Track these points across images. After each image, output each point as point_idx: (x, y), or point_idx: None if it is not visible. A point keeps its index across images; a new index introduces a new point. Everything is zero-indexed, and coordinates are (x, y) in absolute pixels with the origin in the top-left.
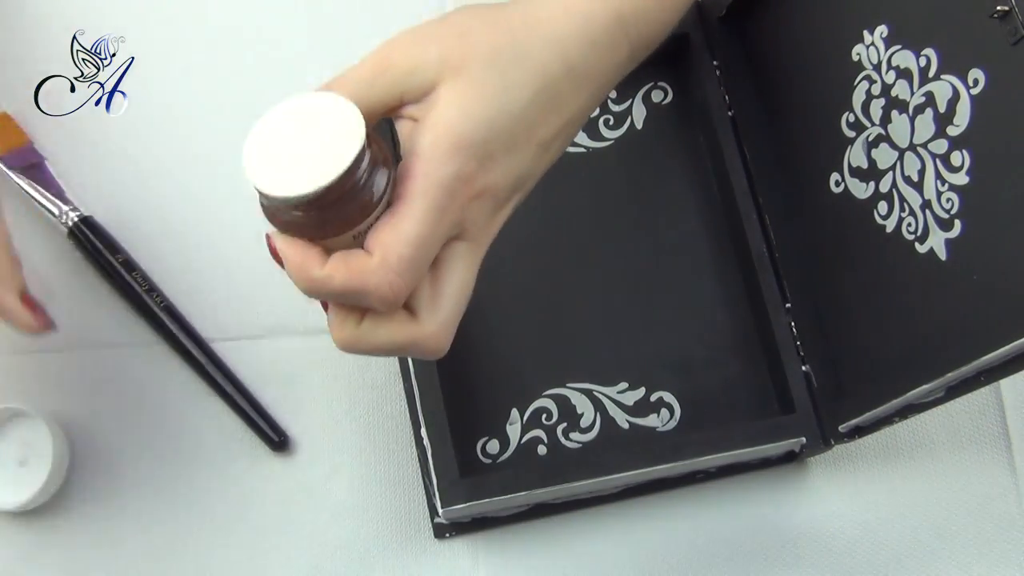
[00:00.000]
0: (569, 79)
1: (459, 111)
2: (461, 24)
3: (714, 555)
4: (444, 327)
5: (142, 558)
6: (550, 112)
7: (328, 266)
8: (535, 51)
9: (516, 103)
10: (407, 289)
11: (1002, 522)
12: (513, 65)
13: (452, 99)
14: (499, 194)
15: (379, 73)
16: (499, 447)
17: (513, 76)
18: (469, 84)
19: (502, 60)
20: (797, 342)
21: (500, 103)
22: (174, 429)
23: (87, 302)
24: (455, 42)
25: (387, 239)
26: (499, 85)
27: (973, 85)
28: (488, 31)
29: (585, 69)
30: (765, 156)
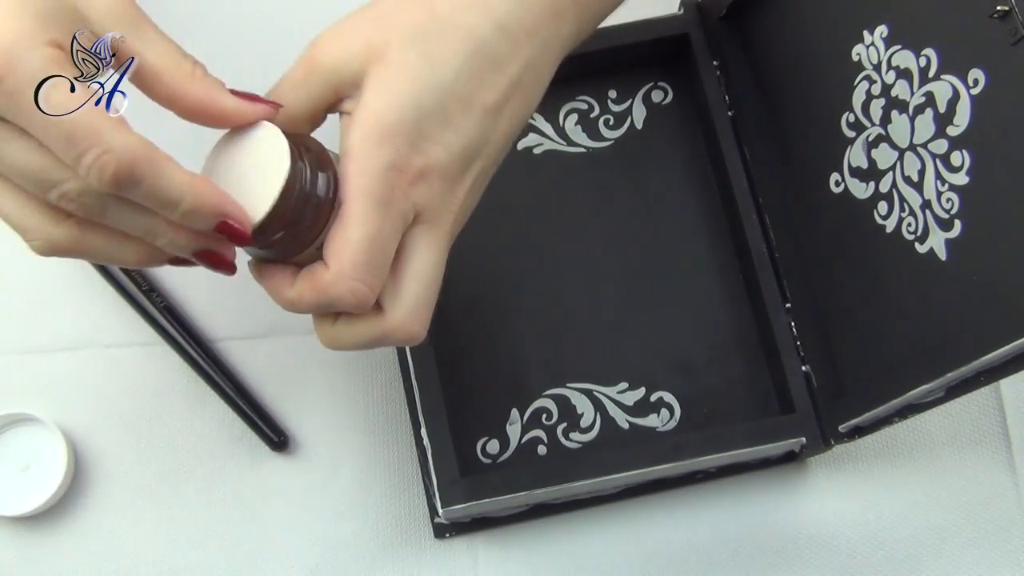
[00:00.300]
0: (502, 36)
1: (382, 98)
2: (381, 8)
3: (714, 555)
4: (412, 314)
5: (142, 559)
6: (489, 74)
7: (295, 287)
8: (456, 16)
9: (444, 75)
10: (371, 289)
11: (1002, 522)
12: (435, 37)
13: (376, 87)
14: (447, 170)
15: (309, 73)
16: (499, 447)
17: (436, 48)
18: (391, 68)
19: (422, 35)
20: (797, 342)
21: (425, 80)
22: (174, 429)
23: (87, 302)
24: (374, 27)
25: (337, 247)
26: (422, 62)
27: (973, 85)
28: (407, 9)
29: (519, 23)
30: (765, 156)
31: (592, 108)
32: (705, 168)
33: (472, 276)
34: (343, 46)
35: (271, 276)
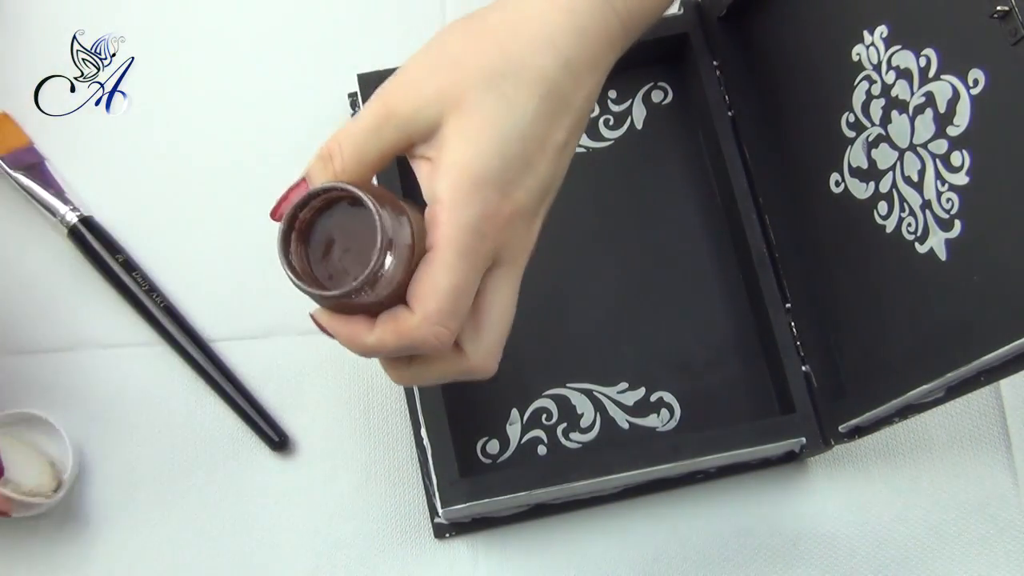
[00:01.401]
0: (569, 75)
1: (469, 147)
2: (450, 51)
3: (714, 555)
4: (489, 353)
5: (142, 559)
6: (559, 114)
7: (377, 331)
8: (527, 58)
9: (522, 119)
10: (453, 333)
11: (1002, 522)
12: (510, 80)
13: (460, 136)
14: (528, 211)
15: (383, 122)
16: (499, 447)
17: (512, 92)
18: (472, 115)
19: (497, 79)
20: (797, 342)
21: (506, 126)
22: (174, 430)
23: (87, 302)
24: (448, 73)
25: (424, 292)
26: (501, 107)
27: (973, 85)
28: (477, 51)
29: (582, 59)
30: (765, 156)
31: (592, 108)
32: (705, 168)
33: None
34: (417, 93)
35: (346, 323)
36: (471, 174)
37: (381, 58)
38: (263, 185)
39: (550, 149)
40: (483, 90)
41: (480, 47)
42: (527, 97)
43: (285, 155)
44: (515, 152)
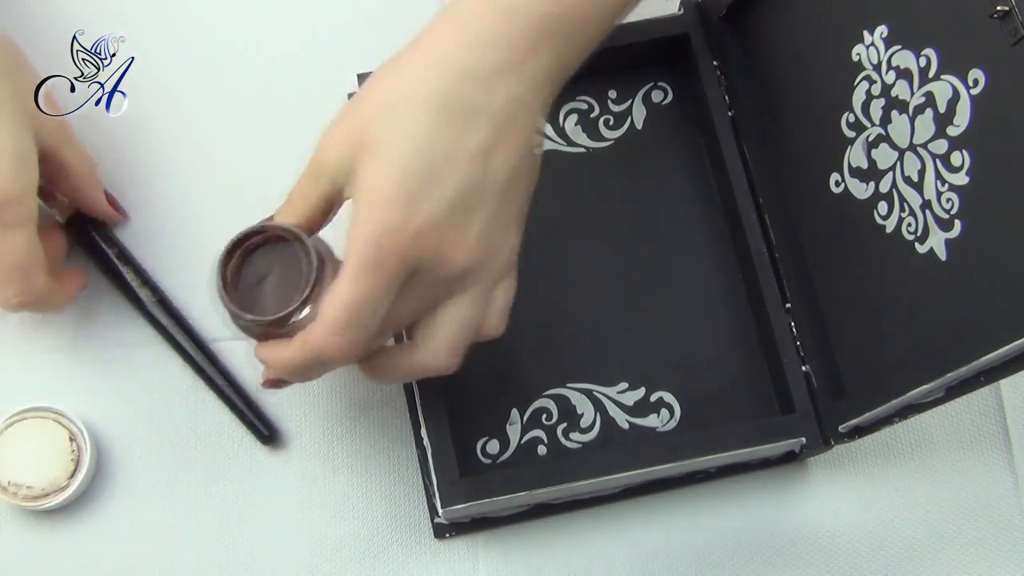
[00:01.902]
0: (470, 83)
1: (372, 175)
2: (360, 94)
3: (714, 555)
4: (440, 351)
5: (142, 559)
6: (466, 122)
7: (290, 346)
8: (419, 79)
9: (419, 138)
10: (354, 342)
11: (1002, 523)
12: (403, 105)
13: (365, 168)
14: (444, 221)
15: (318, 171)
16: (499, 447)
17: (406, 115)
18: (375, 147)
19: (392, 106)
20: (797, 342)
21: (404, 146)
22: (174, 430)
23: (87, 302)
24: (353, 115)
25: (325, 308)
26: (397, 130)
27: (973, 85)
28: (379, 87)
29: (484, 66)
30: (765, 156)
31: (592, 108)
32: (705, 168)
33: None
34: (333, 143)
35: (271, 346)
36: (372, 196)
37: (381, 58)
38: (263, 184)
39: (461, 158)
40: (382, 121)
41: (382, 83)
42: (421, 114)
43: (285, 155)
44: (416, 168)
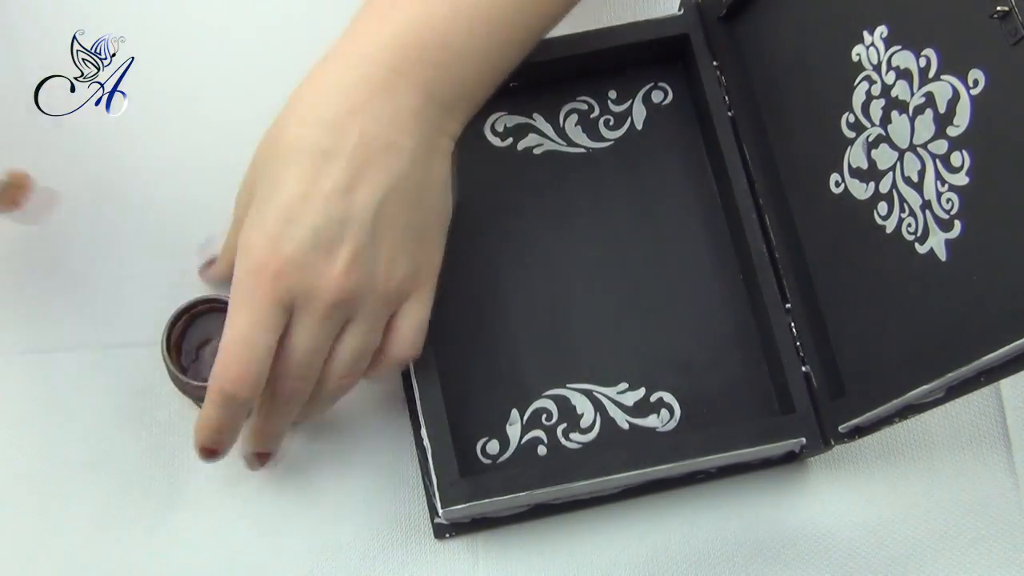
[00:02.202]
0: (320, 129)
1: (246, 226)
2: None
3: (714, 555)
4: (332, 376)
5: (142, 560)
6: (320, 165)
7: (205, 404)
8: (284, 129)
9: (280, 187)
10: (244, 376)
11: (1002, 522)
12: (271, 160)
13: (247, 220)
14: (307, 256)
15: (234, 226)
16: (499, 447)
17: (272, 168)
18: (252, 194)
19: (264, 159)
20: (797, 342)
21: (265, 197)
22: (173, 431)
23: (87, 302)
24: (248, 170)
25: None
26: (263, 183)
27: (973, 85)
28: (261, 141)
29: (337, 111)
30: (765, 156)
31: (592, 108)
32: (705, 168)
33: (472, 277)
34: (239, 198)
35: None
36: (244, 243)
37: None
38: None
39: (317, 198)
40: (258, 176)
41: (263, 140)
42: (282, 166)
43: None
44: (275, 214)
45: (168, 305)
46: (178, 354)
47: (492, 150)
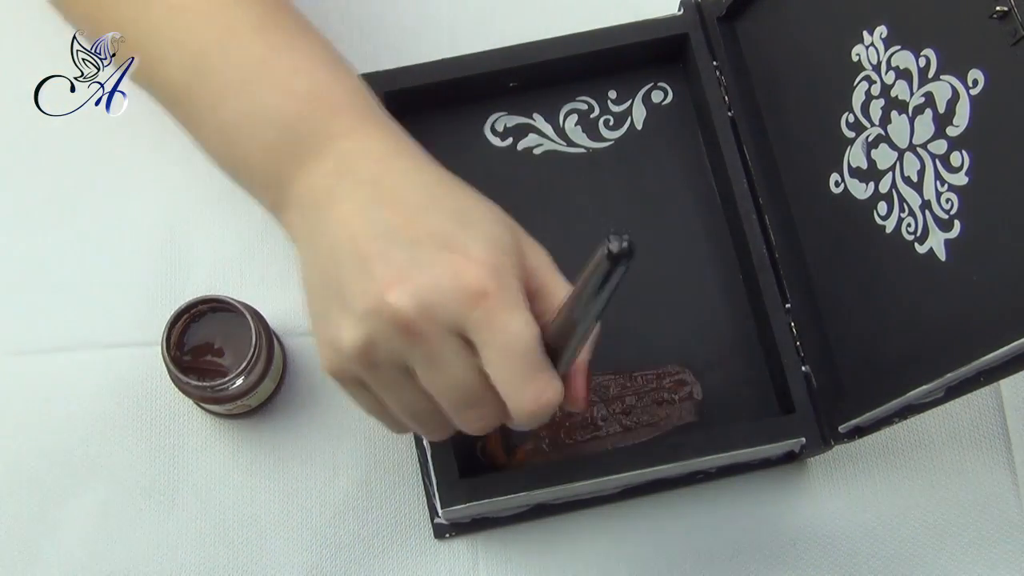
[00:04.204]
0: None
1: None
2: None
3: (714, 555)
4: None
5: (142, 561)
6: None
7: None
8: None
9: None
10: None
11: (1002, 522)
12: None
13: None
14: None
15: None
16: None
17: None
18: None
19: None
20: (797, 342)
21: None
22: (173, 431)
23: (87, 302)
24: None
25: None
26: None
27: (973, 85)
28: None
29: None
30: (765, 156)
31: (592, 108)
32: (705, 168)
33: None
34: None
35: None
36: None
37: (383, 58)
38: None
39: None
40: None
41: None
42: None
43: None
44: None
45: (168, 305)
46: (178, 354)
47: (492, 150)
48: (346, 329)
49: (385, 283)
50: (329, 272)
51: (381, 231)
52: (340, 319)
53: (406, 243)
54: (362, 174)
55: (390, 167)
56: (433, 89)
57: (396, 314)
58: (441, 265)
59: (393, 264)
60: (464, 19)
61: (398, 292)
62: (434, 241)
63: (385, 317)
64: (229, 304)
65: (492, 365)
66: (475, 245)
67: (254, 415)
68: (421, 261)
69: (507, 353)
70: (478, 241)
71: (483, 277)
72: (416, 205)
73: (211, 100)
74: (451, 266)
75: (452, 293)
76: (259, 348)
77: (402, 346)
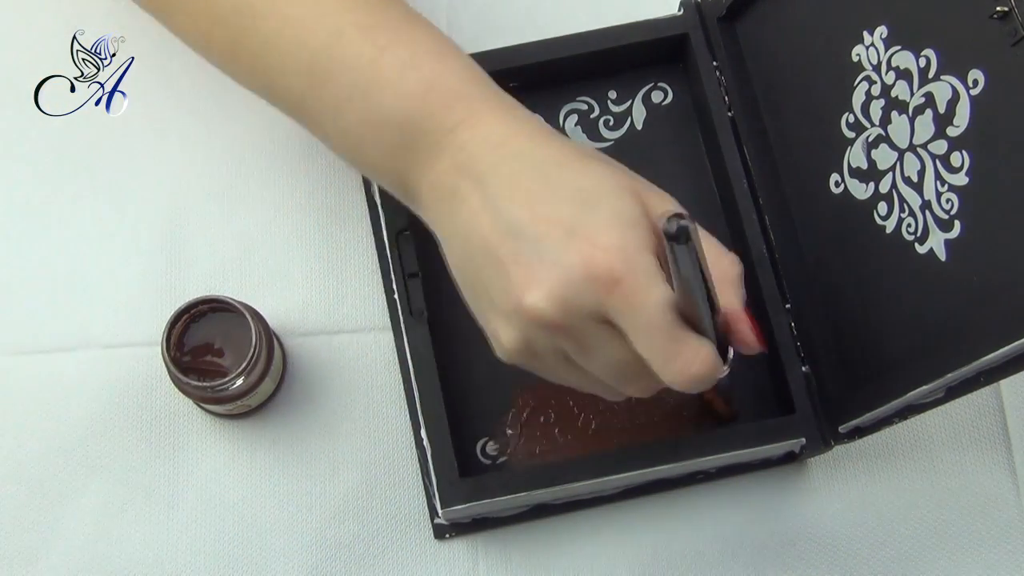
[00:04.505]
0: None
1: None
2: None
3: (714, 555)
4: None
5: (142, 562)
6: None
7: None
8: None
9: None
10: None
11: (1002, 523)
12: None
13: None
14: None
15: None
16: (499, 447)
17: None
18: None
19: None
20: (797, 342)
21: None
22: (173, 431)
23: (87, 302)
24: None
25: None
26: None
27: (973, 86)
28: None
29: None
30: (765, 156)
31: (592, 109)
32: (705, 168)
33: None
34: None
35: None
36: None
37: None
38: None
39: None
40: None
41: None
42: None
43: (286, 154)
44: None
45: (168, 305)
46: (178, 354)
47: None
48: (501, 328)
49: (521, 286)
50: (472, 274)
51: (507, 228)
52: (494, 318)
53: (532, 238)
54: (481, 166)
55: (507, 151)
56: None
57: (538, 315)
58: (569, 255)
59: (524, 264)
60: (464, 19)
61: (535, 294)
62: (560, 231)
63: (528, 318)
64: (229, 304)
65: (638, 346)
66: (601, 228)
67: (254, 415)
68: (551, 256)
69: (647, 333)
70: (603, 223)
71: (613, 262)
72: (537, 191)
73: (329, 108)
74: (580, 256)
75: (585, 285)
76: (259, 348)
77: (553, 339)
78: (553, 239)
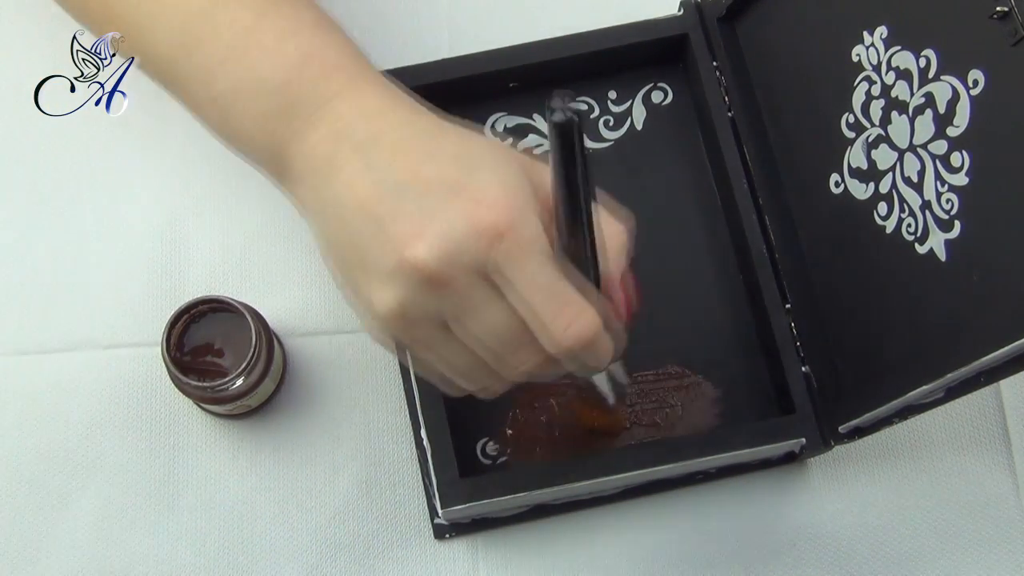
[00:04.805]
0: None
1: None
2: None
3: (714, 555)
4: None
5: (141, 563)
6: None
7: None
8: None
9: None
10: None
11: (1002, 523)
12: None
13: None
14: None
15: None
16: (499, 447)
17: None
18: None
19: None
20: (797, 342)
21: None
22: (173, 431)
23: (87, 302)
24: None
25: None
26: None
27: (973, 86)
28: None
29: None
30: (765, 156)
31: (592, 109)
32: (705, 168)
33: None
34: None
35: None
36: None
37: (384, 58)
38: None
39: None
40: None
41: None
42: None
43: None
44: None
45: (168, 305)
46: (178, 354)
47: None
48: (376, 293)
49: (402, 240)
50: (346, 241)
51: (388, 189)
52: (368, 286)
53: (415, 195)
54: (359, 134)
55: (387, 121)
56: (433, 89)
57: (419, 268)
58: (453, 210)
59: (406, 219)
60: (464, 19)
61: (416, 246)
62: (443, 188)
63: (409, 273)
64: (229, 304)
65: (519, 303)
66: (485, 186)
67: (254, 415)
68: (433, 210)
69: (530, 288)
70: (487, 182)
71: (497, 216)
72: (419, 155)
73: (201, 73)
74: (463, 210)
75: (468, 236)
76: (259, 348)
77: (433, 299)
78: (437, 195)
